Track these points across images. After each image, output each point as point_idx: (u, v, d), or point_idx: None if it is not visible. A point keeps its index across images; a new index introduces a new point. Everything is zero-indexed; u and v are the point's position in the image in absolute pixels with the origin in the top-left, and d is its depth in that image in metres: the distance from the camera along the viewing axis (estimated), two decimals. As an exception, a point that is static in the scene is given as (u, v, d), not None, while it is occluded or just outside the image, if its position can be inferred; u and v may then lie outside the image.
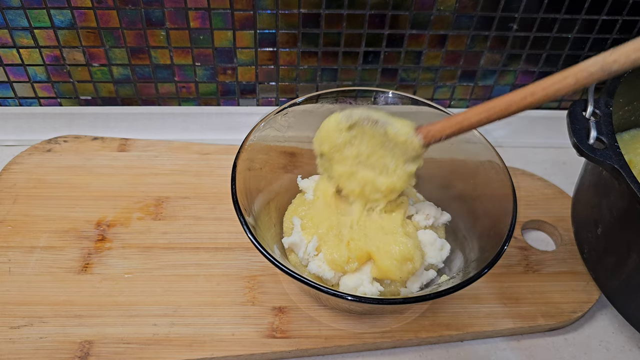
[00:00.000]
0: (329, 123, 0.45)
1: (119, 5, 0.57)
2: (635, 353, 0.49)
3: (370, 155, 0.45)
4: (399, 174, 0.44)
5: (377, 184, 0.45)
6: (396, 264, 0.44)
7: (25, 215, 0.54)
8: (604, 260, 0.48)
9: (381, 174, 0.45)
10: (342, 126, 0.44)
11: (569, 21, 0.61)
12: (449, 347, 0.48)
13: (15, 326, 0.46)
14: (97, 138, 0.63)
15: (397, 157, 0.44)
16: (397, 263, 0.44)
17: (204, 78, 0.65)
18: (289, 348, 0.46)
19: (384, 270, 0.44)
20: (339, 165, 0.46)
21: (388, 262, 0.44)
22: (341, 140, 0.45)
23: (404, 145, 0.43)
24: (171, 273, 0.50)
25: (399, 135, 0.43)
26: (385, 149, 0.44)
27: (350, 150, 0.45)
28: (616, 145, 0.41)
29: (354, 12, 0.59)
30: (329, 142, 0.45)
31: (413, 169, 0.44)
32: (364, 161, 0.45)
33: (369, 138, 0.44)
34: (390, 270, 0.44)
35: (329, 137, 0.45)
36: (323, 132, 0.46)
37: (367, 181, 0.45)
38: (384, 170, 0.45)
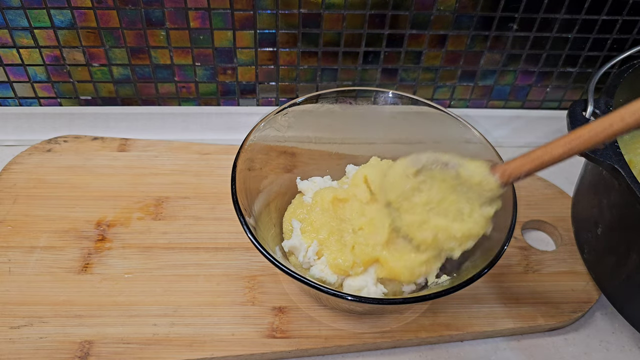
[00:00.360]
0: (396, 169, 0.43)
1: (119, 5, 0.57)
2: (635, 353, 0.49)
3: (442, 201, 0.42)
4: (476, 219, 0.41)
5: (452, 231, 0.41)
6: (409, 267, 0.44)
7: (25, 215, 0.54)
8: (604, 260, 0.48)
9: (455, 220, 0.41)
10: (409, 172, 0.42)
11: (569, 21, 0.61)
12: (449, 347, 0.48)
13: (15, 326, 0.46)
14: (97, 138, 0.62)
15: (472, 201, 0.41)
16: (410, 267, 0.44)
17: (204, 78, 0.65)
18: (289, 348, 0.46)
19: (395, 273, 0.44)
20: (408, 215, 0.42)
21: (400, 264, 0.44)
22: (409, 187, 0.42)
23: (479, 187, 0.40)
24: (171, 273, 0.50)
25: (473, 176, 0.40)
26: (457, 193, 0.41)
27: (419, 197, 0.42)
28: (616, 145, 0.41)
29: (354, 12, 0.59)
30: (396, 190, 0.42)
31: (491, 212, 0.41)
32: (435, 208, 0.42)
33: (439, 182, 0.42)
34: (403, 273, 0.44)
35: (396, 184, 0.42)
36: (389, 179, 0.43)
37: (440, 229, 0.41)
38: (458, 216, 0.41)
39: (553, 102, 0.71)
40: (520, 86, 0.68)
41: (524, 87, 0.68)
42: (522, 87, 0.69)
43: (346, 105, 0.53)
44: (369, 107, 0.53)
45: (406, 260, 0.44)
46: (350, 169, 0.54)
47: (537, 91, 0.69)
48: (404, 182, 0.42)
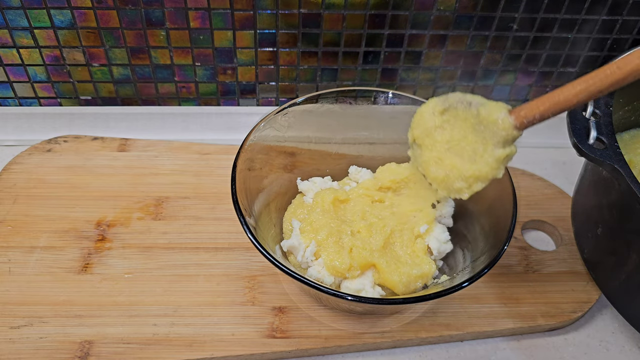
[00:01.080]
0: (425, 107, 0.44)
1: (119, 5, 0.57)
2: (635, 353, 0.49)
3: (461, 140, 0.42)
4: (487, 160, 0.41)
5: (462, 170, 0.42)
6: (404, 282, 0.44)
7: (25, 215, 0.54)
8: (604, 260, 0.48)
9: (469, 161, 0.42)
10: (436, 109, 0.43)
11: (569, 21, 0.61)
12: (449, 347, 0.48)
13: (15, 326, 0.46)
14: (97, 138, 0.63)
15: (487, 140, 0.41)
16: (406, 282, 0.45)
17: (204, 78, 0.65)
18: (289, 348, 0.46)
19: (390, 285, 0.45)
20: (428, 151, 0.44)
21: (396, 278, 0.44)
22: (433, 124, 0.43)
23: (494, 125, 0.40)
24: (171, 273, 0.50)
25: (491, 115, 0.40)
26: (476, 134, 0.41)
27: (441, 134, 0.43)
28: (616, 145, 0.41)
29: (354, 12, 0.59)
30: (421, 126, 0.44)
31: (502, 154, 0.40)
32: (454, 147, 0.43)
33: (461, 122, 0.42)
34: (398, 287, 0.44)
35: (423, 120, 0.43)
36: (417, 116, 0.44)
37: (454, 167, 0.42)
38: (472, 157, 0.42)
39: (553, 102, 0.71)
40: (520, 86, 0.68)
41: (524, 87, 0.68)
42: (522, 87, 0.68)
43: (346, 105, 0.53)
44: (369, 107, 0.53)
45: (402, 274, 0.45)
46: (353, 170, 0.54)
47: (537, 91, 0.69)
48: (430, 118, 0.43)
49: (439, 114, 0.43)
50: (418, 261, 0.46)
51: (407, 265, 0.45)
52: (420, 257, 0.47)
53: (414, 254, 0.47)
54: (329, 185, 0.53)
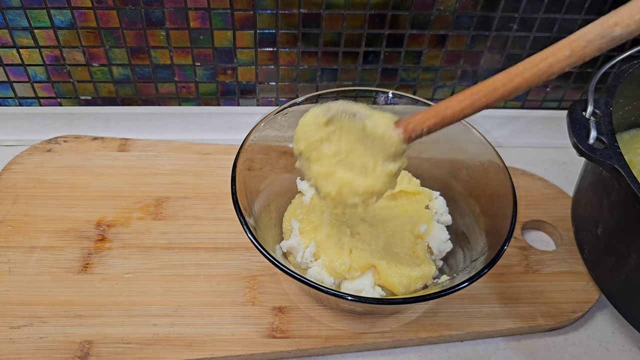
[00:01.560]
0: (305, 118, 0.41)
1: (119, 5, 0.57)
2: (635, 353, 0.49)
3: (350, 153, 0.40)
4: (378, 174, 0.39)
5: (355, 185, 0.40)
6: (405, 284, 0.44)
7: (25, 215, 0.54)
8: (604, 260, 0.48)
9: (360, 175, 0.40)
10: (319, 120, 0.40)
11: (569, 21, 0.61)
12: (449, 347, 0.48)
13: (15, 326, 0.46)
14: (97, 138, 0.62)
15: (376, 155, 0.39)
16: (406, 284, 0.45)
17: (204, 78, 0.65)
18: (289, 348, 0.46)
19: (391, 287, 0.45)
20: (316, 165, 0.41)
21: (396, 280, 0.44)
22: (318, 137, 0.40)
23: (381, 140, 0.38)
24: (171, 273, 0.50)
25: (377, 128, 0.38)
26: (364, 146, 0.39)
27: (328, 147, 0.40)
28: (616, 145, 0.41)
29: (354, 12, 0.59)
30: (305, 139, 0.41)
31: (393, 168, 0.39)
32: (343, 160, 0.40)
33: (347, 133, 0.40)
34: (398, 289, 0.44)
35: (306, 133, 0.40)
36: (300, 128, 0.41)
37: (345, 182, 0.40)
38: (363, 171, 0.40)
39: (553, 102, 0.71)
40: (520, 86, 0.68)
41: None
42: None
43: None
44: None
45: (402, 276, 0.45)
46: None
47: (537, 91, 0.69)
48: (314, 131, 0.40)
49: (324, 125, 0.40)
50: (418, 262, 0.46)
51: (407, 267, 0.45)
52: (420, 258, 0.47)
53: (414, 254, 0.47)
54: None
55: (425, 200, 0.50)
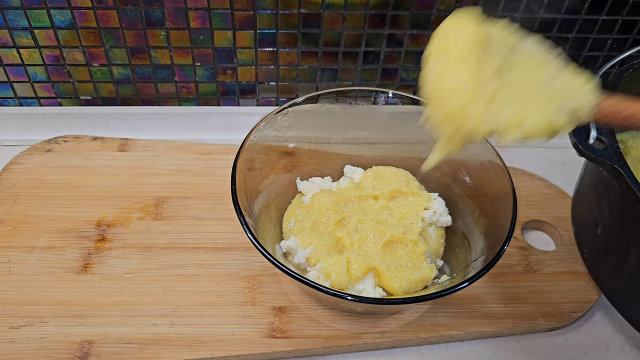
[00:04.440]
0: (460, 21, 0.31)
1: (119, 5, 0.57)
2: (635, 353, 0.49)
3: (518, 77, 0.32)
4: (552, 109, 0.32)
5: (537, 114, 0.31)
6: (405, 288, 0.45)
7: (25, 215, 0.54)
8: (604, 260, 0.48)
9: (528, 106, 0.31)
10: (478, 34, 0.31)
11: (569, 21, 0.61)
12: (449, 347, 0.48)
13: (15, 326, 0.46)
14: (97, 138, 0.62)
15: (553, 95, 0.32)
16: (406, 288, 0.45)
17: (204, 78, 0.65)
18: (289, 348, 0.46)
19: (391, 290, 0.45)
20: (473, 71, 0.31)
21: (396, 284, 0.44)
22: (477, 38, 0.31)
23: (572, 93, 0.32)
24: (171, 273, 0.50)
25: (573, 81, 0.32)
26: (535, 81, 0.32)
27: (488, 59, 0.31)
28: (616, 145, 0.41)
29: (354, 12, 0.59)
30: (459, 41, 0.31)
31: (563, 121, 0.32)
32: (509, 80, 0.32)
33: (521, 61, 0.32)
34: (397, 292, 0.45)
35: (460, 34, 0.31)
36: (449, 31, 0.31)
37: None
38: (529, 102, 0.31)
39: (553, 102, 0.71)
40: (520, 86, 0.68)
41: None
42: None
43: (346, 105, 0.53)
44: (369, 107, 0.53)
45: (402, 279, 0.45)
46: (348, 170, 0.54)
47: (537, 91, 0.69)
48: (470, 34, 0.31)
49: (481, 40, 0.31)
50: (418, 264, 0.46)
51: (407, 269, 0.45)
52: (420, 260, 0.47)
53: (414, 256, 0.47)
54: (328, 185, 0.53)
55: (423, 203, 0.50)
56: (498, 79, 0.31)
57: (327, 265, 0.44)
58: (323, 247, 0.46)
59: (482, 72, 0.31)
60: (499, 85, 0.31)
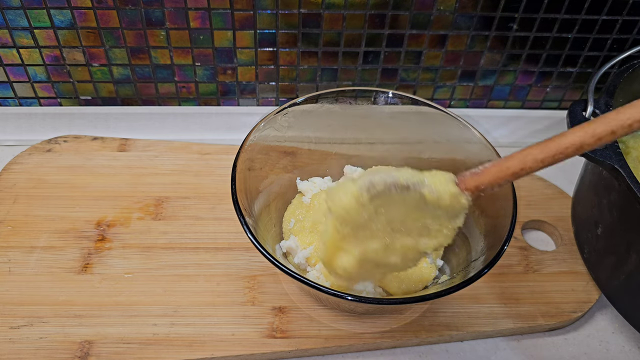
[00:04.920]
0: (345, 200, 0.35)
1: (119, 5, 0.57)
2: (635, 353, 0.49)
3: (405, 220, 0.37)
4: (446, 234, 0.37)
5: (421, 247, 0.37)
6: (404, 289, 0.45)
7: (25, 215, 0.54)
8: (604, 260, 0.48)
9: (422, 236, 0.37)
10: (363, 200, 0.35)
11: (569, 21, 0.61)
12: (449, 347, 0.48)
13: (15, 326, 0.46)
14: (97, 138, 0.62)
15: (440, 218, 0.37)
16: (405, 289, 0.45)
17: (204, 78, 0.65)
18: (289, 348, 0.46)
19: (391, 291, 0.45)
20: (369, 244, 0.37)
21: (396, 285, 0.44)
22: (365, 217, 0.36)
23: (448, 207, 0.35)
24: (171, 273, 0.50)
25: (442, 198, 0.35)
26: (422, 211, 0.36)
27: (378, 222, 0.36)
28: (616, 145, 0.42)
29: (354, 12, 0.59)
30: (350, 223, 0.36)
31: (460, 222, 0.37)
32: (398, 228, 0.37)
33: (399, 204, 0.36)
34: (397, 294, 0.44)
35: (350, 217, 0.36)
36: (340, 211, 0.36)
37: (409, 248, 0.37)
38: (424, 232, 0.37)
39: (553, 102, 0.71)
40: (520, 86, 0.68)
41: (524, 87, 0.68)
42: (522, 87, 0.69)
43: (346, 105, 0.53)
44: (369, 107, 0.53)
45: (401, 281, 0.45)
46: (348, 170, 0.54)
47: (537, 91, 0.69)
48: (358, 214, 0.36)
49: (368, 203, 0.35)
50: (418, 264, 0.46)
51: None
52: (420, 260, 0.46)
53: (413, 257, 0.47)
54: (328, 185, 0.53)
55: None
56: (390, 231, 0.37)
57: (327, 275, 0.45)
58: None
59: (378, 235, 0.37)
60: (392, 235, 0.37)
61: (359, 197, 0.35)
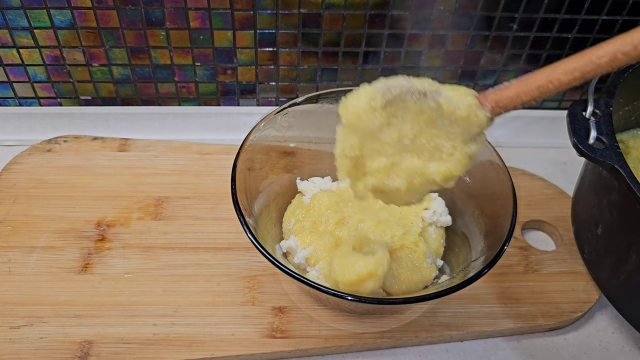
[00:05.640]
0: (358, 101, 0.33)
1: (119, 5, 0.57)
2: (635, 353, 0.49)
3: (417, 137, 0.34)
4: (458, 158, 0.34)
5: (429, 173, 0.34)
6: (404, 290, 0.45)
7: (25, 215, 0.54)
8: (604, 260, 0.48)
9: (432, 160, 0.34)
10: (376, 104, 0.33)
11: (569, 21, 0.61)
12: (449, 347, 0.48)
13: (15, 326, 0.46)
14: (97, 138, 0.62)
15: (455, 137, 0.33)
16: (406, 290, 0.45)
17: (204, 78, 0.65)
18: (289, 348, 0.46)
19: (391, 292, 0.45)
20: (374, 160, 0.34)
21: (396, 287, 0.44)
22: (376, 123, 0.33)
23: (465, 121, 0.33)
24: (171, 273, 0.50)
25: (458, 109, 0.32)
26: (437, 128, 0.33)
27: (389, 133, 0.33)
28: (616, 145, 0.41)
29: (354, 12, 0.59)
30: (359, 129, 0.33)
31: (475, 149, 0.34)
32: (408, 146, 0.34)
33: (414, 114, 0.33)
34: (397, 294, 0.45)
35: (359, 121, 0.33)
36: (351, 115, 0.33)
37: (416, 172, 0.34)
38: (435, 155, 0.34)
39: (553, 102, 0.71)
40: (520, 86, 0.68)
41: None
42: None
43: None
44: None
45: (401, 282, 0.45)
46: None
47: (537, 91, 0.69)
48: (370, 117, 0.33)
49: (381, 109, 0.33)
50: (418, 264, 0.46)
51: (408, 271, 0.45)
52: (420, 260, 0.46)
53: (414, 256, 0.47)
54: (328, 185, 0.53)
55: (423, 203, 0.50)
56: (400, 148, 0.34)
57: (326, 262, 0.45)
58: (323, 247, 0.46)
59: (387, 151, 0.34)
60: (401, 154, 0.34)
61: (372, 100, 0.33)
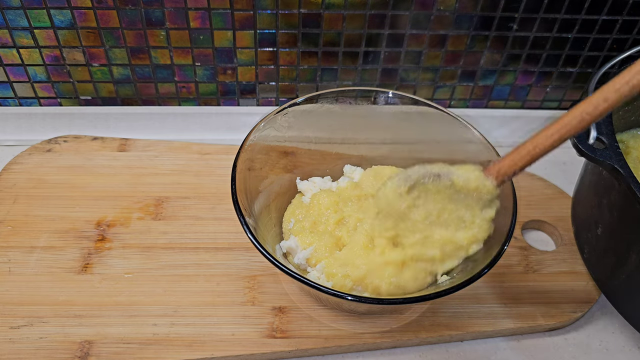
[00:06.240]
0: (386, 192, 0.41)
1: (119, 5, 0.57)
2: (635, 353, 0.49)
3: (441, 213, 0.41)
4: (479, 224, 0.41)
5: (458, 240, 0.42)
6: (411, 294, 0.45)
7: (25, 215, 0.54)
8: (604, 260, 0.48)
9: (459, 229, 0.42)
10: (401, 190, 0.41)
11: (569, 21, 0.61)
12: (449, 347, 0.48)
13: (15, 326, 0.46)
14: (97, 138, 0.62)
15: (472, 207, 0.41)
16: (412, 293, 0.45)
17: (204, 78, 0.65)
18: (289, 348, 0.46)
19: None
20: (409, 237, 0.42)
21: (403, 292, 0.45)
22: (405, 206, 0.41)
23: (476, 192, 0.40)
24: (171, 273, 0.50)
25: (469, 183, 0.40)
26: (455, 202, 0.41)
27: (417, 213, 0.41)
28: (616, 145, 0.42)
29: (354, 12, 0.59)
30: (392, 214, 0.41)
31: (492, 213, 0.41)
32: (436, 221, 0.42)
33: (434, 194, 0.41)
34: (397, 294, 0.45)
35: (391, 207, 0.41)
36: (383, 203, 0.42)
37: (447, 241, 0.42)
38: (460, 224, 0.41)
39: (553, 102, 0.71)
40: (520, 86, 0.68)
41: (524, 87, 0.68)
42: (522, 87, 0.69)
43: (346, 105, 0.53)
44: (369, 107, 0.53)
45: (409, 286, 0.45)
46: (347, 169, 0.54)
47: (537, 91, 0.69)
48: (398, 202, 0.41)
49: (405, 194, 0.41)
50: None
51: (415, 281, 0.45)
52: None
53: None
54: (328, 185, 0.53)
55: None
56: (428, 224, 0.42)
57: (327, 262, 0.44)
58: (323, 247, 0.46)
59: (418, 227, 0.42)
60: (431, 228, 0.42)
61: (398, 188, 0.41)
